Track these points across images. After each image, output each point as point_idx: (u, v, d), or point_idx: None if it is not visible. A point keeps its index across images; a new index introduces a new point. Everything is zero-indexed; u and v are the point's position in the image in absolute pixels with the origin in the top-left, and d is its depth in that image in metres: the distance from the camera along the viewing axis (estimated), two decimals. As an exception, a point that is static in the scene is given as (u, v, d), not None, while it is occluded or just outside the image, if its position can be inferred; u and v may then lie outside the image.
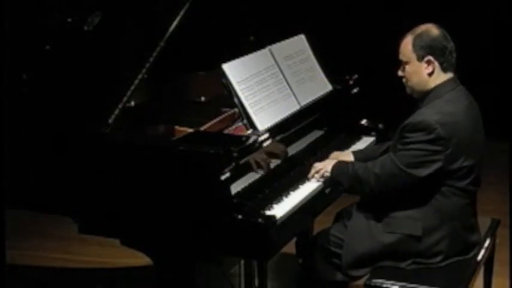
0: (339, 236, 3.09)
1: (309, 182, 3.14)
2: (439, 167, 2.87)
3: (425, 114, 2.92)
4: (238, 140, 2.95)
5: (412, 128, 2.89)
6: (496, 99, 5.85)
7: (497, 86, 6.04)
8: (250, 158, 2.94)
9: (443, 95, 2.96)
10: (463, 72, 3.13)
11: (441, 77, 2.99)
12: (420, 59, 2.97)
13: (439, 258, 2.96)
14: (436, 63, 2.97)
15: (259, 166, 3.02)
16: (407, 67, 3.02)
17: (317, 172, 3.14)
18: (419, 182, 2.89)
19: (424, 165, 2.87)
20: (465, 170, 2.92)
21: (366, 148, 3.56)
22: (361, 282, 3.01)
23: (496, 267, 3.42)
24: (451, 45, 2.99)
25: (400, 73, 3.07)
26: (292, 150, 3.28)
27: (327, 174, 3.11)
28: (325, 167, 3.13)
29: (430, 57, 2.96)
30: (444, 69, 2.98)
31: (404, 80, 3.06)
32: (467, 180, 2.95)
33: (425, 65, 2.97)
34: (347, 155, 3.35)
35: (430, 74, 2.98)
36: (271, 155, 3.12)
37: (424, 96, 3.00)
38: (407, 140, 2.89)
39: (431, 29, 3.00)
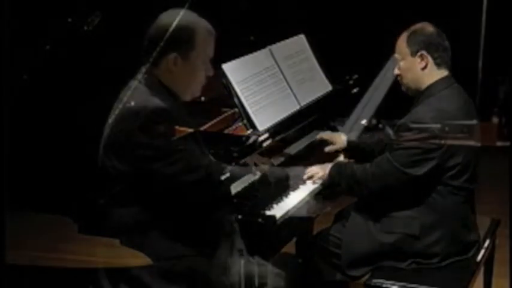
0: (338, 236, 3.09)
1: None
2: (435, 164, 2.87)
3: (420, 112, 2.93)
4: (238, 140, 2.95)
5: (407, 126, 2.89)
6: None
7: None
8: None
9: (438, 93, 2.97)
10: (462, 72, 3.13)
11: (435, 73, 2.99)
12: (414, 54, 2.99)
13: (438, 258, 2.96)
14: (429, 58, 2.98)
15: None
16: (402, 64, 3.03)
17: (312, 176, 3.11)
18: (415, 180, 2.89)
19: (420, 163, 2.88)
20: (460, 167, 2.92)
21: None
22: (361, 282, 3.01)
23: (496, 268, 3.42)
24: (445, 43, 3.01)
25: (396, 71, 3.08)
26: (292, 150, 3.28)
27: (324, 177, 3.09)
28: (322, 170, 3.11)
29: (423, 52, 2.97)
30: (438, 65, 2.99)
31: (399, 77, 3.07)
32: (463, 177, 2.95)
33: (419, 60, 2.98)
34: (339, 136, 3.36)
35: (424, 69, 2.98)
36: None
37: (419, 94, 3.01)
38: (403, 138, 2.89)
39: (427, 27, 3.02)
